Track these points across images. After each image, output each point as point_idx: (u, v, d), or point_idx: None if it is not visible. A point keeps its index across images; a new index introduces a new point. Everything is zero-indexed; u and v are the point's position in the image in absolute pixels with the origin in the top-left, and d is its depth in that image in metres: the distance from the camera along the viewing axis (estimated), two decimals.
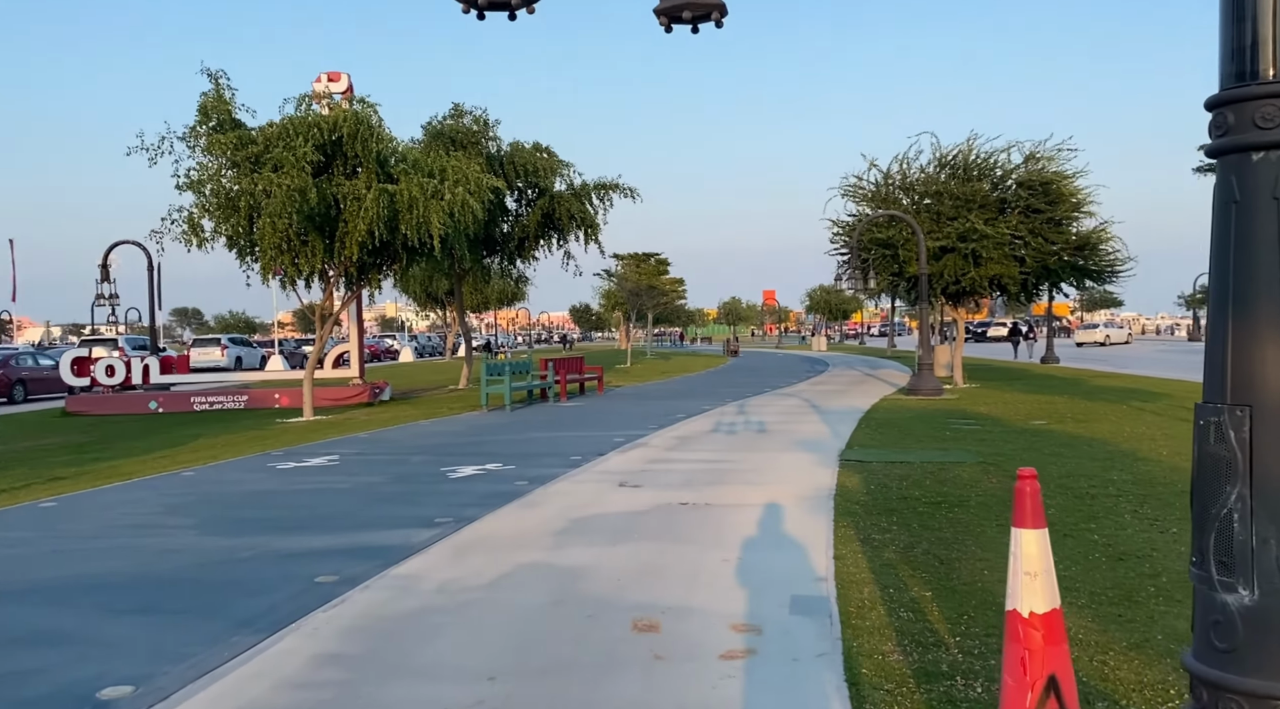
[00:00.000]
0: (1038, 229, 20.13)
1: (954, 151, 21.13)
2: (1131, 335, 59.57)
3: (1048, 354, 33.85)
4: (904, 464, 9.57)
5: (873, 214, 20.39)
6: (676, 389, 23.42)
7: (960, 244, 19.97)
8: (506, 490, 8.60)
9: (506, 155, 22.14)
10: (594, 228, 22.90)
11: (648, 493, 8.29)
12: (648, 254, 46.94)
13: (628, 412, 16.87)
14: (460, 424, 15.17)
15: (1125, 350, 45.45)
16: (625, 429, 13.61)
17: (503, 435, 13.37)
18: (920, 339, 19.27)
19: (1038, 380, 23.24)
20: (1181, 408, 14.82)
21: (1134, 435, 11.49)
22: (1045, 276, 20.94)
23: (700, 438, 12.43)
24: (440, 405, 18.91)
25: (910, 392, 18.56)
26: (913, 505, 7.43)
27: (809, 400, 18.33)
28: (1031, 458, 9.77)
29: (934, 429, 12.86)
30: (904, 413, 15.34)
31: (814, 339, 61.41)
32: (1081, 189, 20.32)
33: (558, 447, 11.83)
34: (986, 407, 16.01)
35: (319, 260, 15.70)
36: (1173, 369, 27.27)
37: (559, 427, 14.43)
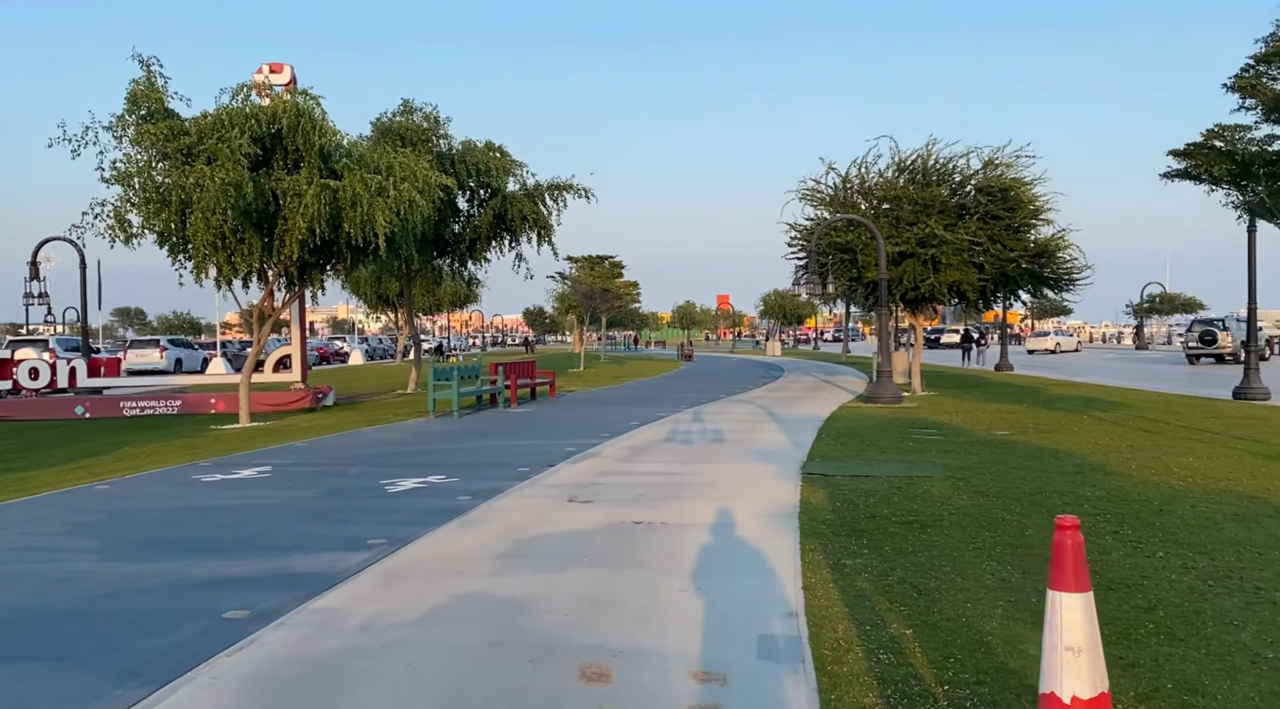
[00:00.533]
0: (997, 236, 19.95)
1: (913, 156, 20.90)
2: (1081, 343, 60.40)
3: (1002, 361, 33.92)
4: (869, 478, 9.14)
5: (831, 218, 20.05)
6: (630, 394, 22.89)
7: (920, 249, 19.72)
8: (448, 506, 7.99)
9: (458, 154, 21.46)
10: (547, 229, 22.29)
11: (599, 509, 7.74)
12: (602, 257, 46.37)
13: (580, 418, 16.30)
14: (405, 432, 14.48)
15: (1075, 358, 45.91)
16: (576, 437, 13.04)
17: (448, 444, 12.72)
18: (880, 346, 18.98)
19: (995, 388, 23.11)
20: (1141, 418, 14.65)
21: (1099, 447, 11.20)
22: (1004, 284, 20.78)
23: (655, 447, 11.91)
24: (386, 411, 18.16)
25: (869, 399, 18.24)
26: (883, 525, 6.97)
27: (766, 407, 17.91)
28: (999, 472, 9.40)
29: (896, 439, 12.49)
30: (864, 421, 14.97)
31: (769, 344, 61.28)
32: (1040, 196, 20.21)
33: (505, 456, 11.22)
34: (947, 415, 15.72)
35: (257, 259, 14.90)
36: (1124, 378, 27.39)
37: (508, 434, 13.81)
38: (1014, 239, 20.20)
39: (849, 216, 19.82)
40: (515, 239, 23.12)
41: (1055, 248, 20.16)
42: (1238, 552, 5.87)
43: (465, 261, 23.50)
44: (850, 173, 21.44)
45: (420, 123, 20.99)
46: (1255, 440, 11.56)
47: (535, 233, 22.51)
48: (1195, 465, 9.55)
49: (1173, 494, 7.92)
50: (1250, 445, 11.10)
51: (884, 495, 8.19)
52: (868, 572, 5.66)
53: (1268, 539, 6.18)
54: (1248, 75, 10.16)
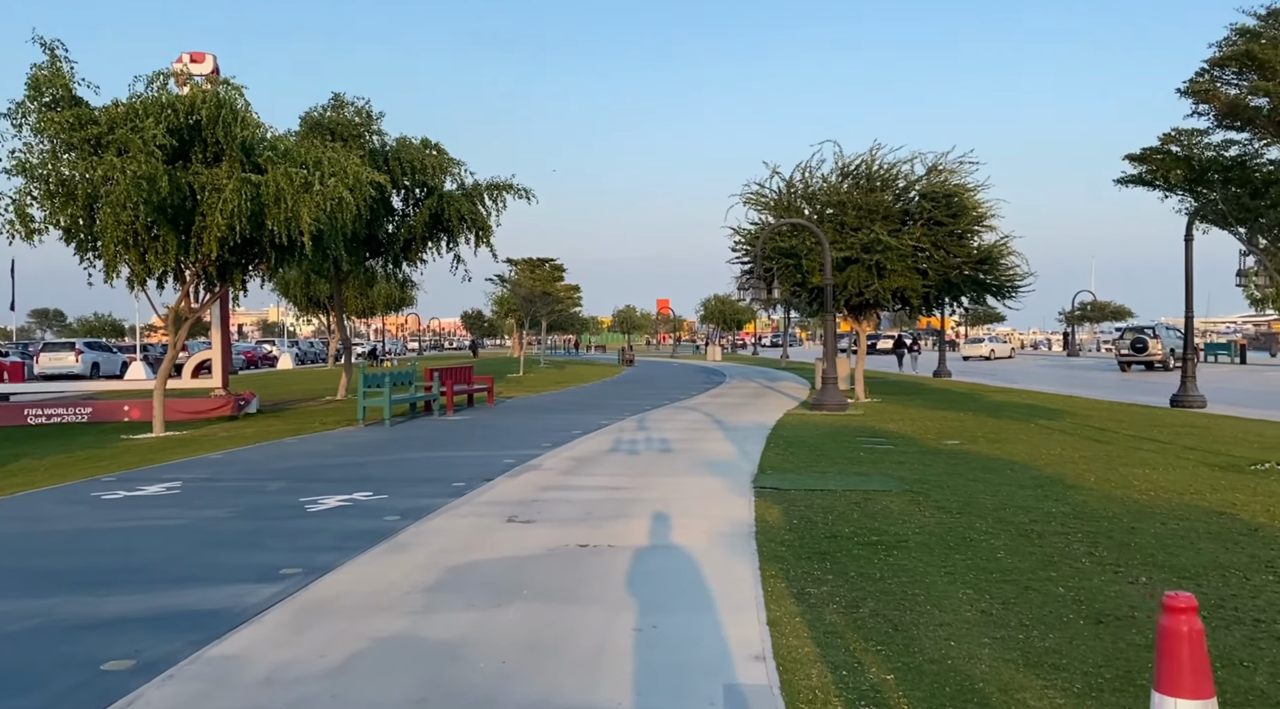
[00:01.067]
0: (940, 242, 19.84)
1: (857, 161, 20.71)
2: (1014, 350, 61.46)
3: (940, 368, 34.07)
4: (825, 493, 8.69)
5: (776, 222, 19.72)
6: (572, 400, 22.26)
7: (864, 255, 19.50)
8: (373, 528, 7.31)
9: (392, 151, 20.60)
10: (485, 230, 21.54)
11: (541, 530, 7.14)
12: (543, 259, 45.58)
13: (519, 427, 15.64)
14: (331, 442, 13.66)
15: (1010, 365, 46.56)
16: (516, 448, 12.39)
17: (378, 456, 11.97)
18: (826, 352, 18.68)
19: (936, 395, 23.04)
20: (1087, 427, 14.54)
21: (1053, 458, 10.95)
22: (947, 290, 20.68)
23: (599, 459, 11.33)
24: (313, 419, 17.25)
25: (815, 406, 17.92)
26: (845, 546, 6.50)
27: (711, 415, 17.46)
28: (958, 485, 9.04)
29: (846, 449, 12.11)
30: (812, 430, 14.60)
31: (709, 349, 61.13)
32: (982, 203, 20.15)
33: (439, 470, 10.54)
34: (895, 423, 15.43)
35: (173, 257, 13.94)
36: (1061, 384, 27.63)
37: (443, 445, 13.10)
38: (957, 245, 20.12)
39: (794, 221, 19.52)
40: (453, 240, 22.32)
41: (998, 254, 20.12)
42: (1223, 576, 5.52)
43: (399, 263, 22.61)
44: (794, 177, 21.16)
45: (352, 118, 20.10)
46: (1204, 450, 11.44)
47: (473, 234, 21.74)
48: (1154, 477, 9.32)
49: (1140, 510, 7.61)
50: (1201, 455, 10.95)
51: (842, 512, 7.74)
52: (836, 602, 5.17)
53: (1249, 561, 5.86)
54: (1202, 80, 10.01)
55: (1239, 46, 9.48)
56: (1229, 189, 9.45)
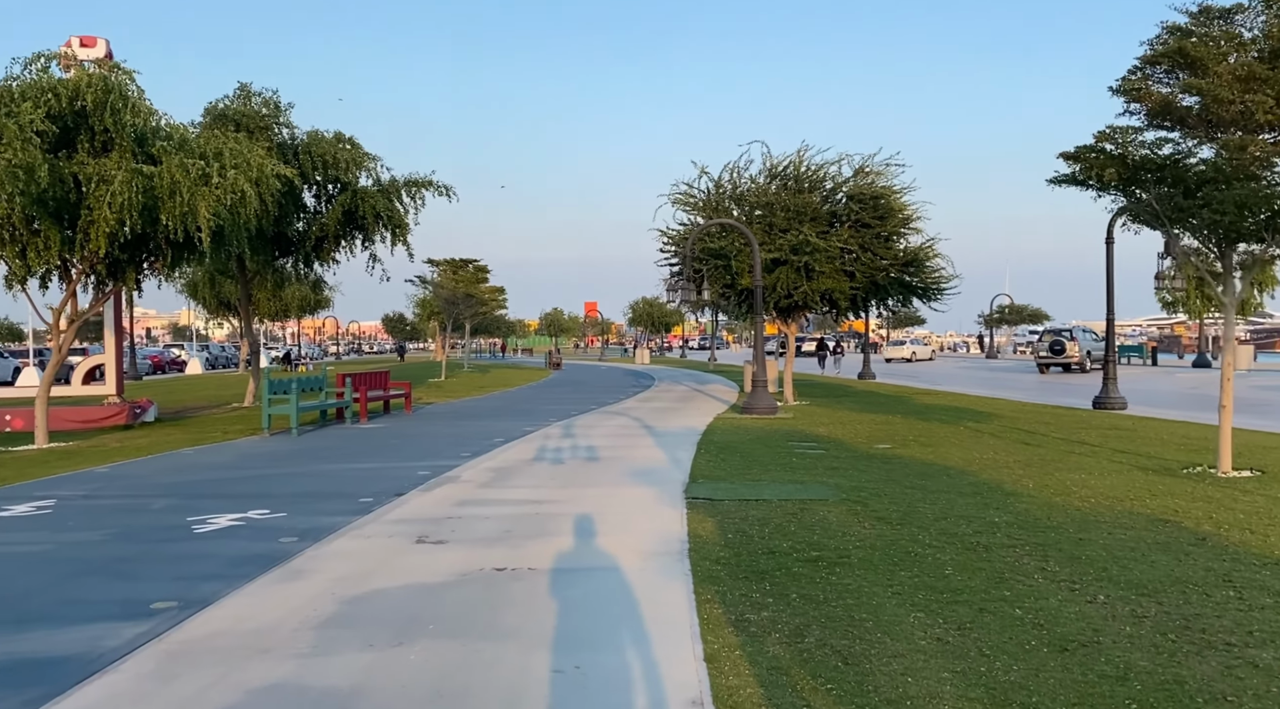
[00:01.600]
0: (868, 244, 19.70)
1: (785, 162, 20.46)
2: (935, 353, 62.56)
3: (864, 370, 34.28)
4: (760, 503, 8.24)
5: (705, 223, 19.34)
6: (495, 406, 21.53)
7: (793, 256, 19.24)
8: (267, 551, 6.58)
9: (303, 144, 19.57)
10: (402, 228, 20.64)
11: (454, 552, 6.51)
12: (465, 260, 44.48)
13: (437, 435, 14.89)
14: (232, 453, 12.73)
15: (931, 367, 47.23)
16: (432, 458, 11.69)
17: (281, 468, 11.13)
18: (755, 355, 18.34)
19: (863, 397, 22.96)
20: (1016, 429, 14.46)
21: (987, 463, 10.72)
22: (874, 292, 20.57)
23: (521, 469, 10.71)
24: (215, 428, 16.20)
25: (745, 410, 17.56)
26: (784, 563, 6.03)
27: (640, 420, 16.95)
28: (895, 493, 8.68)
29: (778, 454, 11.72)
30: (742, 434, 14.20)
31: (638, 352, 60.75)
32: (909, 205, 20.10)
33: (347, 484, 9.78)
34: (825, 427, 15.15)
35: (55, 254, 12.84)
36: (983, 386, 27.92)
37: (353, 456, 12.30)
38: (884, 247, 20.01)
39: (724, 221, 19.16)
40: (368, 238, 21.37)
41: (924, 257, 20.08)
42: (1183, 592, 5.21)
43: (311, 262, 21.54)
44: (723, 178, 20.81)
45: (259, 108, 19.04)
46: (1135, 453, 11.36)
47: (390, 232, 20.81)
48: (1091, 483, 9.11)
49: (1084, 518, 7.34)
50: (1133, 459, 10.85)
51: (779, 524, 7.29)
52: (778, 631, 4.68)
53: (1205, 575, 5.57)
54: (1133, 79, 9.87)
55: (1170, 44, 9.35)
56: (1162, 188, 9.30)
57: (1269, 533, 6.62)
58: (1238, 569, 5.65)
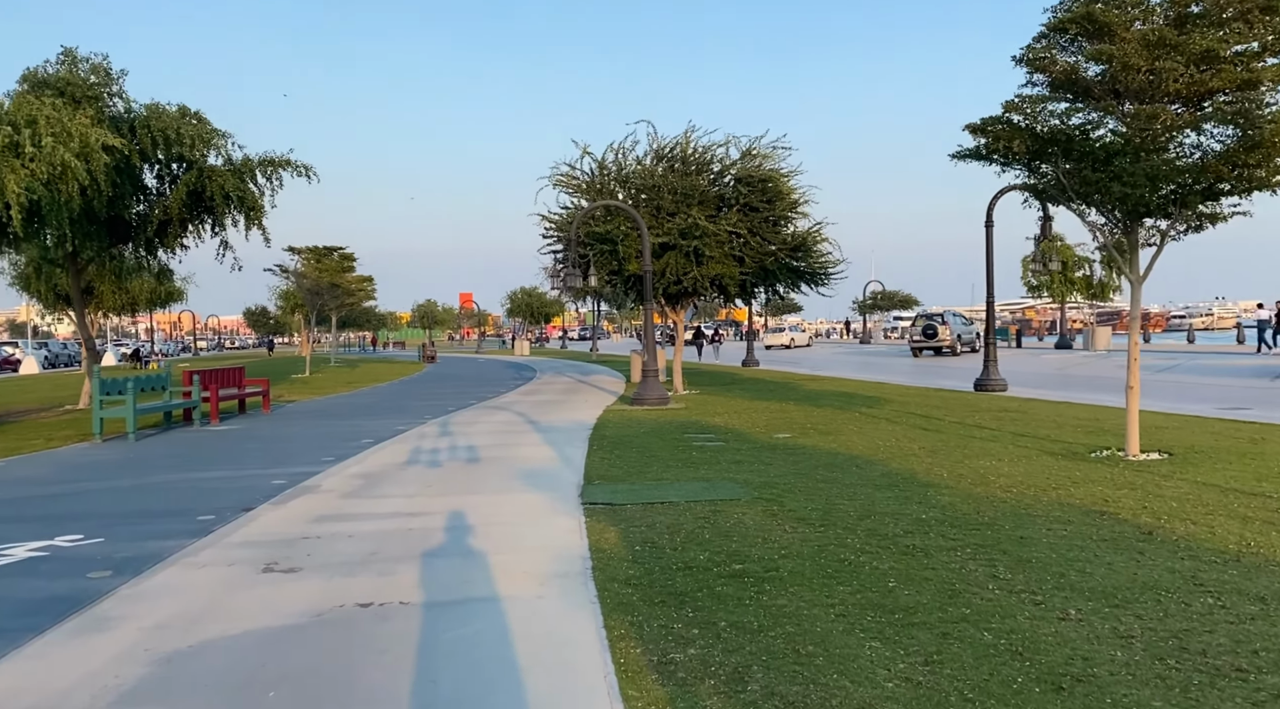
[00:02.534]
0: (756, 228, 19.19)
1: (672, 143, 19.72)
2: (812, 339, 63.51)
3: (748, 357, 34.13)
4: (667, 506, 7.39)
5: (591, 205, 18.39)
6: (364, 404, 20.03)
7: (682, 241, 18.54)
8: (68, 592, 5.30)
9: (140, 118, 17.50)
10: (256, 210, 18.80)
11: (309, 582, 5.39)
12: (330, 248, 42.02)
13: (298, 437, 13.46)
14: (51, 464, 11.03)
15: (810, 353, 47.73)
16: (290, 464, 10.37)
17: (108, 481, 9.60)
18: (645, 343, 17.54)
19: (751, 384, 22.54)
20: (910, 414, 14.14)
21: (893, 451, 10.20)
22: (763, 277, 20.10)
23: (393, 474, 9.54)
24: (38, 433, 14.25)
25: (636, 401, 16.73)
26: (705, 581, 5.19)
27: (524, 414, 15.90)
28: (808, 488, 7.99)
29: (676, 448, 10.93)
30: (636, 427, 13.36)
31: (517, 343, 59.32)
32: (797, 188, 19.70)
33: (186, 498, 8.42)
34: (720, 417, 14.47)
35: None
36: (863, 371, 28.03)
37: (197, 464, 10.83)
38: (772, 231, 19.57)
39: (611, 203, 18.25)
40: (218, 223, 19.45)
41: (812, 241, 19.73)
42: (1158, 601, 4.61)
43: (154, 249, 19.45)
44: (606, 158, 19.92)
45: (87, 76, 16.92)
46: (1035, 436, 11.08)
47: (243, 215, 18.97)
48: (1005, 470, 8.66)
49: (1014, 512, 6.79)
50: (1035, 442, 10.55)
51: (691, 531, 6.45)
52: (712, 675, 3.82)
53: (1171, 577, 5.01)
54: (1038, 47, 9.47)
55: (1077, 9, 8.95)
56: (1071, 161, 8.90)
57: (1212, 524, 6.19)
58: (1201, 569, 5.12)
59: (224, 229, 19.86)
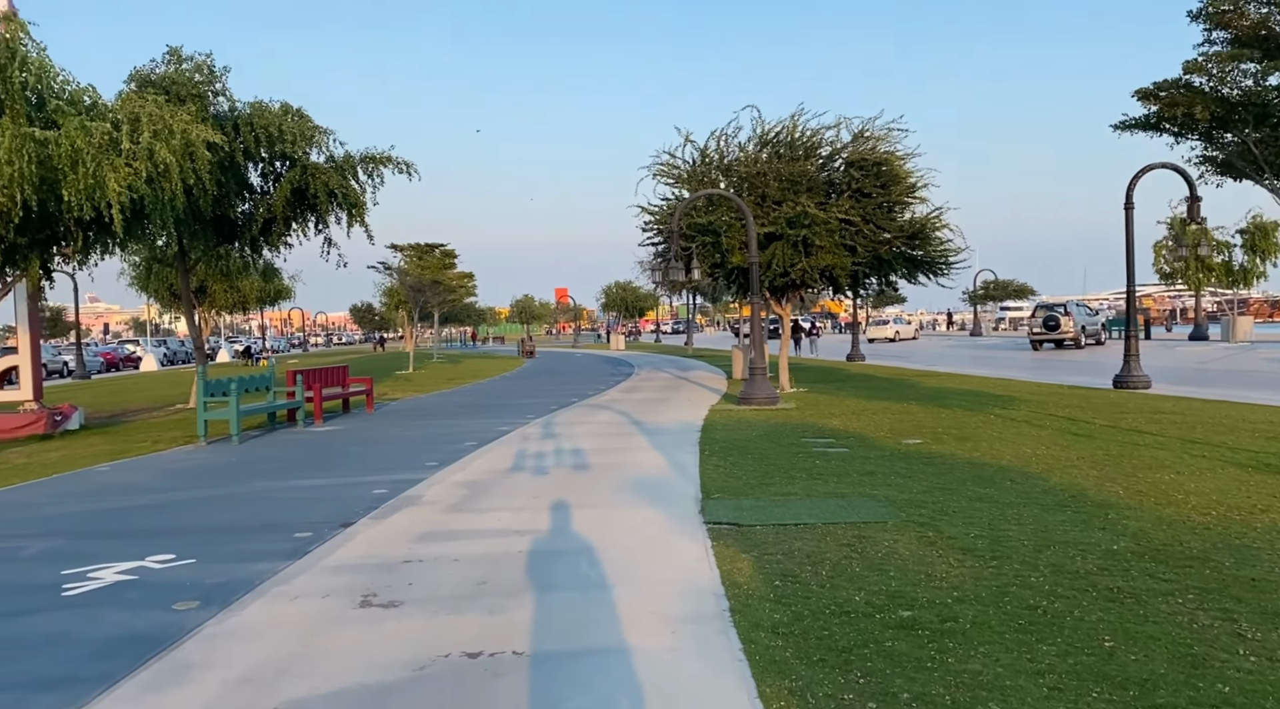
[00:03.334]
0: (870, 215, 18.05)
1: (778, 127, 18.71)
2: (918, 331, 61.26)
3: (853, 351, 32.80)
4: (801, 529, 6.54)
5: (692, 195, 17.55)
6: (466, 401, 19.69)
7: (789, 230, 17.54)
8: (151, 629, 4.78)
9: (244, 116, 17.50)
10: (358, 207, 18.60)
11: (410, 621, 4.75)
12: (431, 245, 42.25)
13: (401, 438, 13.06)
14: (154, 469, 10.83)
15: (916, 346, 45.90)
16: (392, 470, 9.88)
17: (208, 489, 9.27)
18: (753, 339, 16.63)
19: (862, 381, 21.39)
20: (1051, 416, 12.88)
21: (1047, 461, 9.10)
22: (876, 267, 18.92)
23: (498, 483, 8.94)
24: (145, 436, 14.25)
25: (743, 400, 15.85)
26: (870, 632, 4.34)
27: (627, 414, 15.20)
28: (965, 509, 7.02)
29: (796, 456, 10.04)
30: (747, 429, 12.50)
31: (613, 338, 58.97)
32: (913, 172, 18.45)
33: (283, 510, 7.96)
34: (838, 419, 13.49)
35: None
36: (981, 366, 26.48)
37: (298, 469, 10.46)
38: (887, 218, 18.39)
39: (714, 192, 17.39)
40: (322, 220, 19.36)
41: (931, 227, 18.45)
42: None
43: (259, 247, 19.51)
44: (709, 146, 19.05)
45: (191, 74, 16.98)
46: (1211, 443, 9.79)
47: (345, 212, 18.83)
48: (1190, 487, 7.50)
49: (1225, 542, 5.70)
50: (1214, 451, 9.27)
51: (837, 562, 5.59)
52: None
53: None
54: None
55: None
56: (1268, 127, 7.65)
57: None
58: None
59: (327, 226, 19.77)
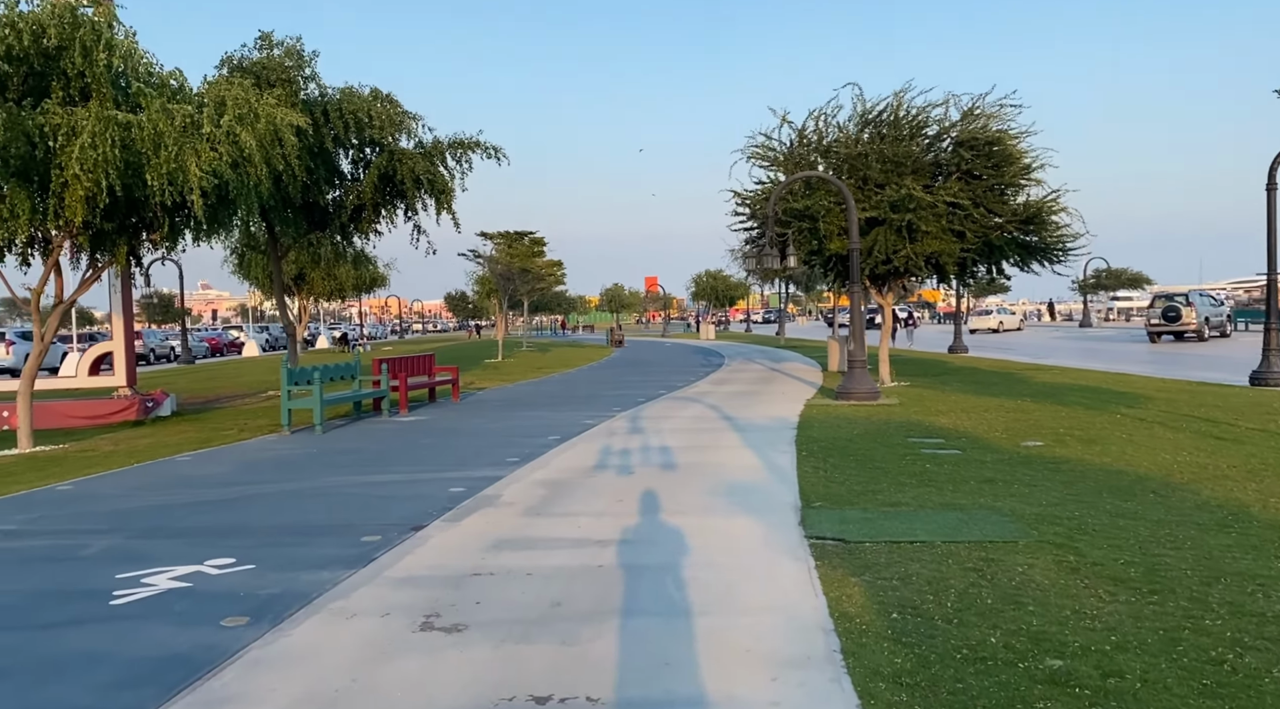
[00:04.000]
0: (980, 198, 16.89)
1: (881, 105, 17.67)
2: (1022, 322, 58.64)
3: (956, 342, 31.36)
4: (917, 547, 5.76)
5: (789, 178, 16.68)
6: (552, 391, 19.28)
7: (893, 215, 16.53)
8: (193, 648, 4.33)
9: (333, 102, 17.38)
10: (447, 194, 18.32)
11: (474, 651, 4.19)
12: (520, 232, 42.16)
13: (483, 430, 12.65)
14: (233, 460, 10.62)
15: (1022, 338, 43.82)
16: (471, 466, 9.43)
17: (280, 483, 8.96)
18: (853, 329, 15.71)
19: (967, 375, 20.18)
20: (1185, 417, 11.67)
21: (1192, 469, 8.06)
22: (986, 255, 17.74)
23: (579, 483, 8.38)
24: (235, 423, 14.22)
25: (841, 395, 14.97)
26: (1015, 689, 3.57)
27: (718, 408, 14.50)
28: (1106, 527, 6.12)
29: (904, 458, 9.20)
30: (847, 427, 11.68)
31: (702, 327, 58.18)
32: (1028, 151, 17.19)
33: (354, 508, 7.55)
34: (946, 417, 12.52)
35: (24, 224, 10.82)
36: (1096, 359, 24.87)
37: (376, 462, 10.10)
38: (999, 202, 17.19)
39: (813, 175, 16.51)
40: (410, 207, 19.17)
41: (1047, 211, 17.17)
42: None
43: (349, 235, 19.44)
44: (807, 127, 18.13)
45: (281, 59, 16.90)
46: None
47: (433, 199, 18.60)
48: None
49: None
50: None
51: (963, 591, 4.81)
52: None
53: None
54: None
55: None
56: None
57: None
58: None
59: (416, 213, 19.59)
